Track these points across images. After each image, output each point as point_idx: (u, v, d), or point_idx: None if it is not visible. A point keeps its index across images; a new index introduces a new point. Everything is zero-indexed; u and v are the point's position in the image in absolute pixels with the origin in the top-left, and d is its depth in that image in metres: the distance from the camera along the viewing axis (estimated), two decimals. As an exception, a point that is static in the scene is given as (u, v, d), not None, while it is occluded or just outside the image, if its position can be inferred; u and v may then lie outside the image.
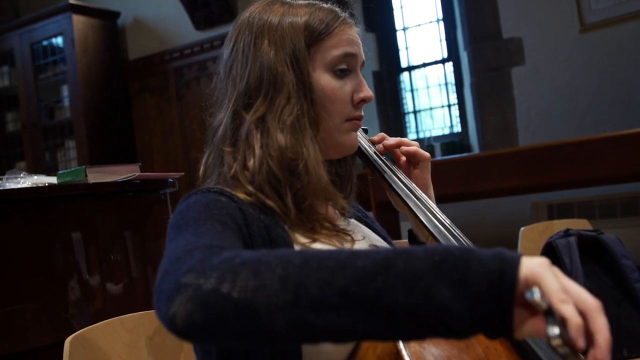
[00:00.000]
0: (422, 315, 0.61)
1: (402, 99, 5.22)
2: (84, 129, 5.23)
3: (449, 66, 5.01)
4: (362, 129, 1.20)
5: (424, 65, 5.16)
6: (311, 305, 0.62)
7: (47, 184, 1.99)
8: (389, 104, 5.19)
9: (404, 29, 5.21)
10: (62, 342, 1.09)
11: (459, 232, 1.01)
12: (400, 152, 1.16)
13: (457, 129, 4.98)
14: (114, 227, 2.04)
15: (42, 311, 1.82)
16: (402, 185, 1.08)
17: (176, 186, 2.23)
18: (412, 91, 5.21)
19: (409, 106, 5.22)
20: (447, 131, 5.05)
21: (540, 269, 0.61)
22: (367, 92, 1.06)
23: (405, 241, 1.26)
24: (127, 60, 5.71)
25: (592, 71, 4.06)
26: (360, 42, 1.09)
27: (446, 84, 5.07)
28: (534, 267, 0.61)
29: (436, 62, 5.10)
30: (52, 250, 1.89)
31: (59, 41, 5.43)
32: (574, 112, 4.11)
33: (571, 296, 0.60)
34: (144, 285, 2.09)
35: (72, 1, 5.23)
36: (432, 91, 5.14)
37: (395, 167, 1.14)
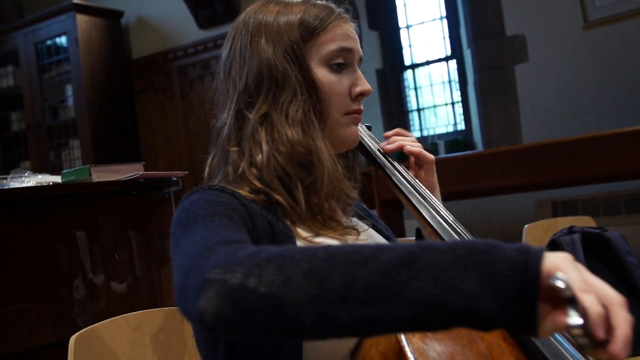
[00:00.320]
0: (448, 307, 0.61)
1: (405, 96, 5.22)
2: (88, 128, 5.24)
3: (453, 64, 5.01)
4: (366, 125, 1.20)
5: (428, 63, 5.15)
6: (337, 299, 0.63)
7: (51, 183, 1.99)
8: (393, 102, 5.19)
9: (408, 27, 5.21)
10: (66, 340, 1.10)
11: (462, 228, 1.01)
12: (405, 153, 1.17)
13: (461, 126, 4.98)
14: (118, 226, 2.05)
15: (46, 310, 1.82)
16: (404, 181, 1.08)
17: (180, 185, 2.23)
18: (415, 89, 5.21)
19: (412, 104, 5.22)
20: (450, 129, 5.05)
21: (563, 262, 0.62)
22: (365, 85, 1.07)
23: (410, 239, 1.26)
24: (130, 59, 5.72)
25: (595, 68, 4.05)
26: (356, 37, 1.09)
27: (450, 82, 5.06)
28: (557, 260, 0.62)
29: (440, 60, 5.10)
30: (56, 249, 1.90)
31: (63, 41, 5.44)
32: (577, 109, 4.10)
33: (594, 289, 0.61)
34: (149, 283, 2.09)
35: (75, 1, 5.24)
36: (436, 89, 5.14)
37: (398, 163, 1.13)
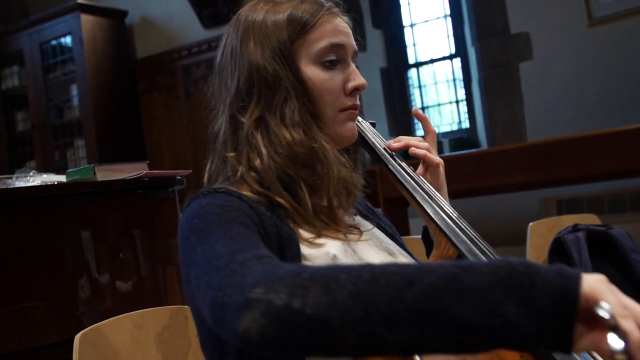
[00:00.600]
0: (489, 330, 0.63)
1: (410, 95, 5.22)
2: (93, 127, 5.25)
3: (457, 62, 5.01)
4: (370, 122, 1.20)
5: (432, 61, 5.15)
6: (382, 321, 0.64)
7: (56, 183, 2.00)
8: (397, 100, 5.19)
9: (412, 25, 5.21)
10: (72, 339, 1.10)
11: (467, 224, 1.01)
12: (411, 154, 1.17)
13: (466, 124, 4.98)
14: (122, 225, 2.05)
15: (52, 309, 1.83)
16: (408, 178, 1.08)
17: (184, 183, 2.24)
18: (420, 87, 5.21)
19: (417, 102, 5.22)
20: (455, 127, 5.05)
21: (600, 285, 0.63)
22: (359, 80, 1.05)
23: (415, 237, 1.26)
24: (135, 59, 5.72)
25: (600, 65, 4.04)
26: (348, 31, 1.07)
27: (454, 80, 5.06)
28: (594, 283, 0.63)
29: (444, 58, 5.10)
30: (61, 248, 1.90)
31: (68, 41, 5.45)
32: (582, 106, 4.09)
33: (631, 312, 0.63)
34: (153, 282, 2.10)
35: (80, 1, 5.25)
36: (440, 87, 5.14)
37: (402, 160, 1.13)
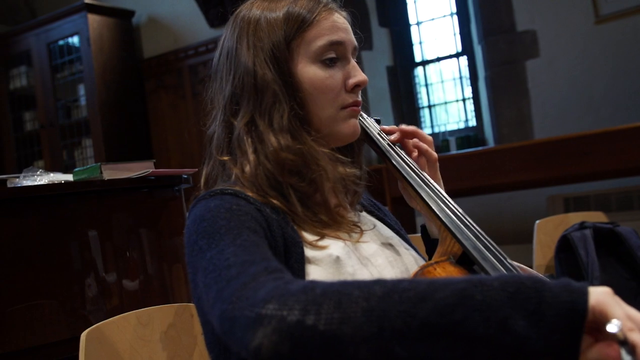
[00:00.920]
0: (499, 344, 0.64)
1: (416, 93, 5.21)
2: (101, 127, 5.27)
3: (464, 60, 5.00)
4: (375, 119, 1.19)
5: (438, 59, 5.14)
6: (395, 336, 0.64)
7: (62, 182, 2.00)
8: (404, 99, 5.19)
9: (418, 24, 5.20)
10: (78, 337, 1.10)
11: (471, 221, 1.01)
12: (412, 146, 1.16)
13: (472, 122, 4.97)
14: (129, 224, 2.06)
15: (59, 308, 1.84)
16: (414, 174, 1.07)
17: (190, 182, 2.24)
18: (426, 86, 5.20)
19: (423, 101, 5.21)
20: (462, 125, 5.04)
21: (606, 298, 0.65)
22: (360, 76, 1.04)
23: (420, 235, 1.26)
24: (142, 58, 5.74)
25: (607, 63, 4.02)
26: (347, 27, 1.06)
27: (461, 78, 5.05)
28: (601, 297, 0.65)
29: (450, 56, 5.08)
30: (68, 246, 1.91)
31: (75, 40, 5.47)
32: (589, 104, 4.08)
33: (636, 324, 0.65)
34: (160, 281, 2.10)
35: (87, 1, 5.26)
36: (447, 85, 5.13)
37: (407, 157, 1.13)
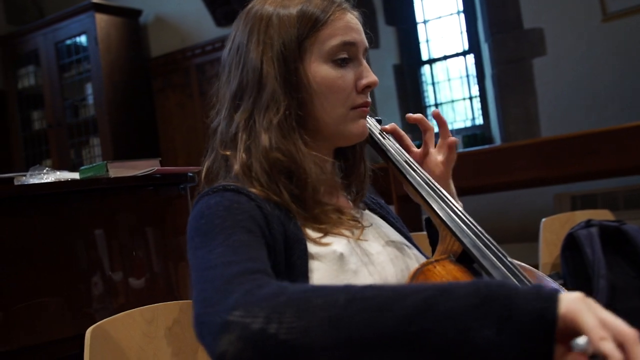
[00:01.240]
0: (463, 354, 0.63)
1: (423, 92, 5.21)
2: (108, 126, 5.30)
3: (470, 58, 4.99)
4: (376, 119, 1.19)
5: (445, 57, 5.14)
6: (356, 345, 0.64)
7: (69, 179, 2.01)
8: (410, 97, 5.18)
9: (425, 22, 5.19)
10: (84, 334, 1.11)
11: (471, 219, 1.01)
12: (408, 143, 1.17)
13: (479, 121, 4.96)
14: (135, 222, 2.06)
15: (65, 305, 1.85)
16: (414, 173, 1.08)
17: (196, 180, 2.24)
18: (433, 84, 5.20)
19: (430, 99, 5.21)
20: (469, 123, 5.03)
21: (577, 305, 0.63)
22: (371, 77, 1.04)
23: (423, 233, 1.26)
24: (149, 57, 5.76)
25: (614, 61, 4.00)
26: (360, 27, 1.06)
27: (467, 76, 5.04)
28: (572, 304, 0.63)
29: (457, 55, 5.08)
30: (74, 244, 1.92)
31: (83, 40, 5.50)
32: (596, 102, 4.06)
33: (609, 329, 0.63)
34: (166, 279, 2.11)
35: (94, 0, 5.29)
36: (454, 84, 5.13)
37: (408, 156, 1.13)
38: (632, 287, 1.97)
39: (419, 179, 1.06)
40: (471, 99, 5.03)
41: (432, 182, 1.07)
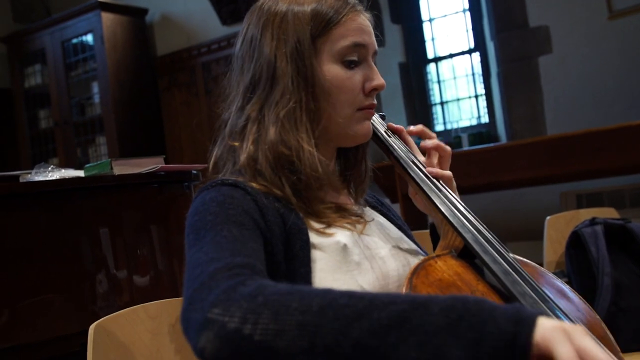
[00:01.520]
0: None
1: (429, 90, 5.20)
2: (114, 124, 5.31)
3: (476, 56, 4.98)
4: (380, 115, 1.19)
5: (451, 56, 5.13)
6: (325, 353, 0.64)
7: (74, 177, 2.02)
8: (416, 95, 5.17)
9: (430, 20, 5.18)
10: (87, 330, 1.11)
11: (473, 215, 1.01)
12: (414, 147, 1.17)
13: (485, 119, 4.95)
14: (139, 220, 2.07)
15: (70, 303, 1.86)
16: (417, 169, 1.08)
17: (200, 178, 2.25)
18: (439, 82, 5.19)
19: (436, 97, 5.20)
20: (474, 122, 5.02)
21: (553, 333, 0.62)
22: (379, 80, 1.05)
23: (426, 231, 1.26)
24: (155, 56, 5.77)
25: (620, 58, 3.99)
26: (371, 30, 1.06)
27: (473, 75, 5.03)
28: (548, 332, 0.62)
29: (463, 53, 5.07)
30: (78, 242, 1.93)
31: (89, 39, 5.52)
32: (602, 100, 4.05)
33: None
34: (170, 277, 2.11)
35: (101, -1, 5.32)
36: (459, 82, 5.11)
37: (411, 153, 1.13)
38: (637, 285, 1.96)
39: (421, 175, 1.07)
40: (477, 97, 5.02)
41: (435, 179, 1.07)
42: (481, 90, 4.97)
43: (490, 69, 4.81)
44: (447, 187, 1.06)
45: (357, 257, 0.95)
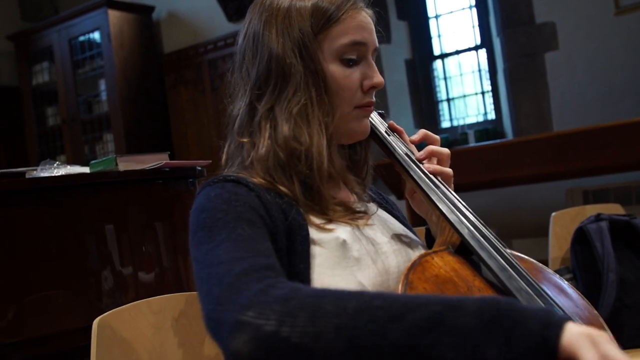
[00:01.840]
0: None
1: (435, 87, 5.19)
2: (121, 122, 5.33)
3: (482, 53, 4.97)
4: (379, 112, 1.19)
5: (457, 52, 5.12)
6: (364, 355, 0.65)
7: (79, 173, 2.03)
8: (422, 92, 5.17)
9: (437, 17, 5.18)
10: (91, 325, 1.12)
11: (471, 211, 1.01)
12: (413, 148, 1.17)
13: (491, 115, 4.94)
14: (144, 216, 2.08)
15: (74, 299, 1.86)
16: (414, 166, 1.08)
17: (204, 174, 2.26)
18: (445, 79, 5.18)
19: (442, 94, 5.19)
20: (481, 118, 5.01)
21: (579, 339, 0.63)
22: (377, 78, 1.05)
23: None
24: (162, 53, 5.78)
25: (627, 54, 3.98)
26: (371, 27, 1.06)
27: (479, 71, 5.02)
28: (574, 337, 0.63)
29: (469, 49, 5.06)
30: (83, 238, 1.94)
31: (96, 36, 5.53)
32: (609, 96, 4.04)
33: None
34: (175, 273, 2.12)
35: (107, -4, 5.33)
36: (466, 78, 5.11)
37: (411, 152, 1.13)
38: (642, 282, 1.95)
39: (419, 173, 1.07)
40: (483, 93, 5.01)
41: (434, 175, 1.07)
42: (487, 86, 4.96)
43: (496, 65, 4.80)
44: (445, 184, 1.06)
45: (357, 253, 0.95)
